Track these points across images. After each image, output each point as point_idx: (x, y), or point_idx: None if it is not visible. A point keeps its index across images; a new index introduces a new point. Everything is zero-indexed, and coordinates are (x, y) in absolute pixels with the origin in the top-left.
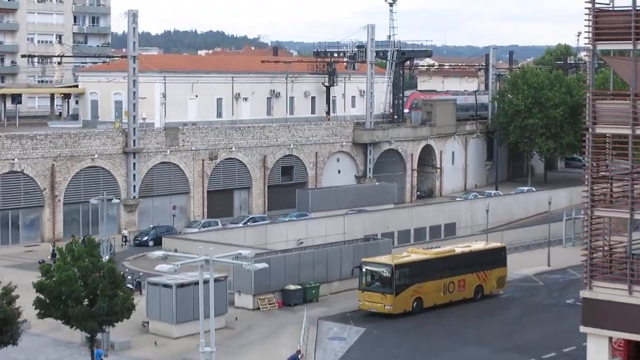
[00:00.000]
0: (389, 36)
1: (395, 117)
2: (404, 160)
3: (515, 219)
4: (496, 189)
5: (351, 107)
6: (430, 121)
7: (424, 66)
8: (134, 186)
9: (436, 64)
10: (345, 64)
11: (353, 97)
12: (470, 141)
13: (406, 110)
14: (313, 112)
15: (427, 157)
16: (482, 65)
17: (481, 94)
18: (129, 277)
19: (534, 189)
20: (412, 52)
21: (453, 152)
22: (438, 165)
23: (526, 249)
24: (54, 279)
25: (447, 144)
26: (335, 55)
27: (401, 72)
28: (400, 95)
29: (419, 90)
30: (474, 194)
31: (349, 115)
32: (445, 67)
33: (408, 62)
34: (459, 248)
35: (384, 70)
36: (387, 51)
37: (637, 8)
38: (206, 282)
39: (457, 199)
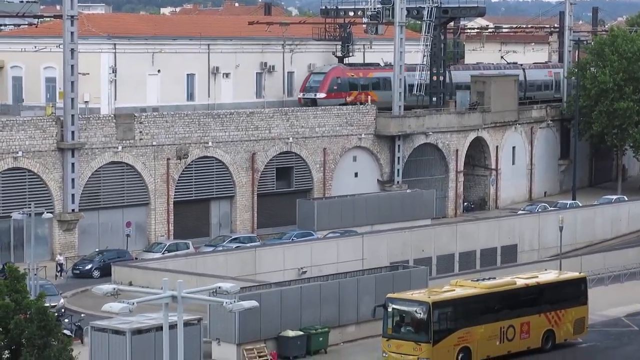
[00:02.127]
0: None
1: (434, 99)
2: (445, 158)
3: (599, 240)
4: (573, 199)
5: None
6: (482, 105)
7: (473, 29)
8: (73, 195)
9: (491, 25)
10: (364, 26)
11: None
12: (537, 132)
13: (321, 95)
14: None
15: (477, 154)
16: (554, 28)
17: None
18: (66, 321)
19: (625, 198)
20: (458, 9)
21: (514, 148)
22: (493, 166)
23: (615, 281)
24: None
25: (506, 136)
26: (351, 14)
27: (442, 37)
28: (441, 68)
29: (347, 64)
30: (543, 205)
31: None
32: (504, 30)
33: (452, 23)
34: (522, 280)
35: (419, 35)
36: (423, 8)
37: None
38: (172, 326)
39: (520, 212)
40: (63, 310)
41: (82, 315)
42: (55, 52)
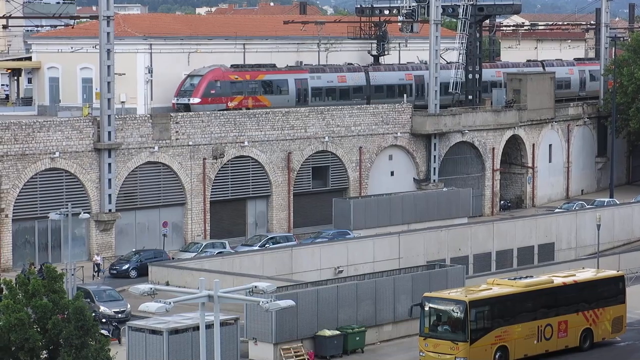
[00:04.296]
0: None
1: (470, 97)
2: (482, 157)
3: (637, 237)
4: (611, 196)
5: None
6: (518, 103)
7: (509, 26)
8: (110, 195)
9: (527, 23)
10: (400, 24)
11: None
12: (574, 130)
13: (195, 100)
14: None
15: (514, 152)
16: (590, 25)
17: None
18: (104, 321)
19: None
20: (493, 6)
21: (550, 146)
22: (529, 164)
23: None
24: (0, 323)
25: (542, 134)
26: (387, 12)
27: (478, 34)
28: (477, 66)
29: (233, 66)
30: (580, 204)
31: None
32: (540, 27)
33: (488, 20)
34: (559, 278)
35: (455, 33)
36: (459, 6)
37: None
38: (209, 326)
39: (557, 210)
40: (129, 316)
41: (120, 315)
42: (92, 53)
